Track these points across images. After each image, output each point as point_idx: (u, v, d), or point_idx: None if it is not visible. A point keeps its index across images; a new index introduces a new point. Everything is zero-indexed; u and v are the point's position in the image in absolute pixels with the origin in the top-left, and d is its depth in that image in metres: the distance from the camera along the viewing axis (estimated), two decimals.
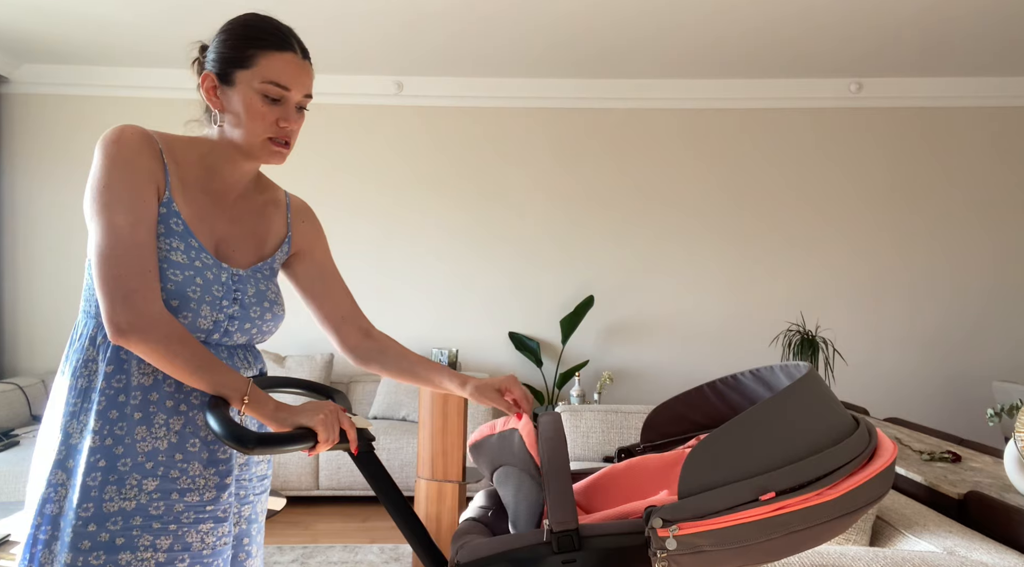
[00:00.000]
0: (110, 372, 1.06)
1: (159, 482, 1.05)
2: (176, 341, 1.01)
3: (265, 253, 1.25)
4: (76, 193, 4.72)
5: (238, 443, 0.94)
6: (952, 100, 4.73)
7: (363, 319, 1.35)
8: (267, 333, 1.22)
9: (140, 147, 1.06)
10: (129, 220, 1.02)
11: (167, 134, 1.14)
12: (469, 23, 3.86)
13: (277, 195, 1.31)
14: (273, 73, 1.10)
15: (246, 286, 1.17)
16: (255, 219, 1.24)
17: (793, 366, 1.03)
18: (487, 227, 4.85)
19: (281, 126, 1.12)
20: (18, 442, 3.71)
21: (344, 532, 3.57)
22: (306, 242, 1.32)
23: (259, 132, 1.12)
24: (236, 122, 1.12)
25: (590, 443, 3.27)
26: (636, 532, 0.84)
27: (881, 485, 0.85)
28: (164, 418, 1.07)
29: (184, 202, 1.12)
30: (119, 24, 3.92)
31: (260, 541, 1.27)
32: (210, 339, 1.13)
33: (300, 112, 1.16)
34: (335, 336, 1.33)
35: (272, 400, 1.06)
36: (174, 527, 1.05)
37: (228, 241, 1.18)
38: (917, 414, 4.75)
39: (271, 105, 1.11)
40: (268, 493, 1.30)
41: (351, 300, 1.35)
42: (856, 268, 4.80)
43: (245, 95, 1.11)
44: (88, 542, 1.01)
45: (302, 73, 1.14)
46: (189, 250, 1.09)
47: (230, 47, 1.12)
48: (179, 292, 1.06)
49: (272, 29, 1.14)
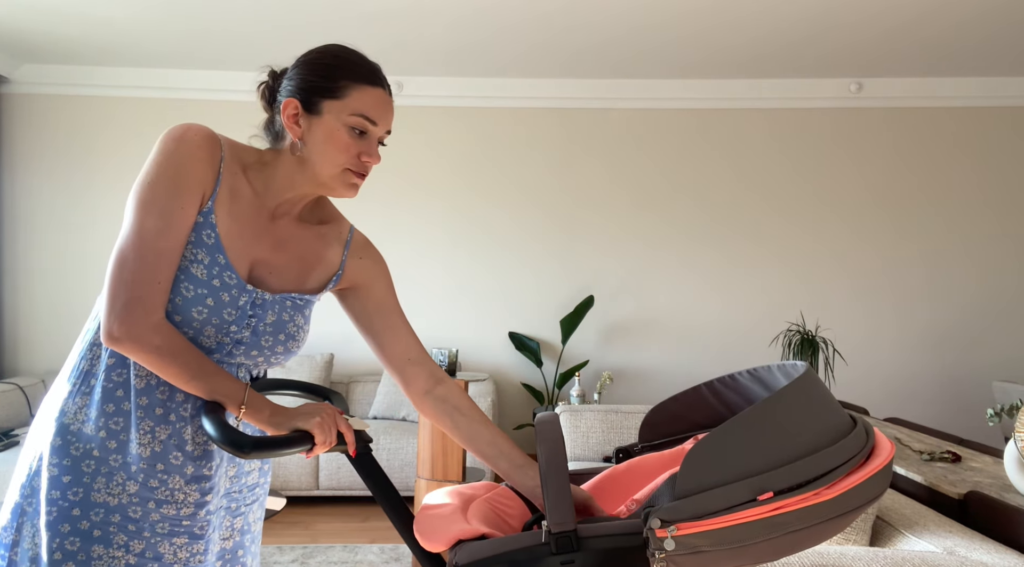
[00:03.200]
0: (111, 365, 1.05)
1: (139, 488, 1.04)
2: (168, 352, 0.99)
3: (308, 285, 1.20)
4: (76, 193, 4.72)
5: (234, 447, 0.94)
6: (952, 100, 4.73)
7: (431, 362, 1.27)
8: (274, 364, 1.19)
9: (199, 151, 1.04)
10: (159, 225, 1.00)
11: (236, 142, 1.12)
12: (469, 23, 3.86)
13: (341, 229, 1.25)
14: (364, 106, 1.09)
15: (266, 313, 1.12)
16: (304, 247, 1.19)
17: (791, 366, 1.03)
18: (487, 227, 4.85)
19: (364, 161, 1.10)
20: (18, 442, 3.71)
21: (344, 532, 3.57)
22: (362, 278, 1.25)
23: (340, 163, 1.09)
24: (315, 152, 1.09)
25: (590, 443, 3.27)
26: (634, 533, 0.84)
27: (879, 484, 0.85)
28: (151, 425, 1.05)
29: (226, 215, 1.08)
30: (119, 24, 3.92)
31: (255, 550, 1.25)
32: (210, 357, 1.10)
33: (380, 146, 1.14)
34: (401, 381, 1.25)
35: (269, 404, 1.05)
36: (148, 535, 1.04)
37: (266, 264, 1.14)
38: (917, 414, 4.75)
39: (356, 138, 1.09)
40: (264, 499, 1.27)
41: (416, 342, 1.27)
42: (856, 268, 4.80)
43: (331, 126, 1.08)
44: (68, 526, 1.00)
45: (389, 110, 1.12)
46: (213, 266, 1.06)
47: (320, 76, 1.09)
48: (184, 309, 1.04)
49: (365, 62, 1.12)
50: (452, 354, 3.03)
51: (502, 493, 1.15)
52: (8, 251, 4.73)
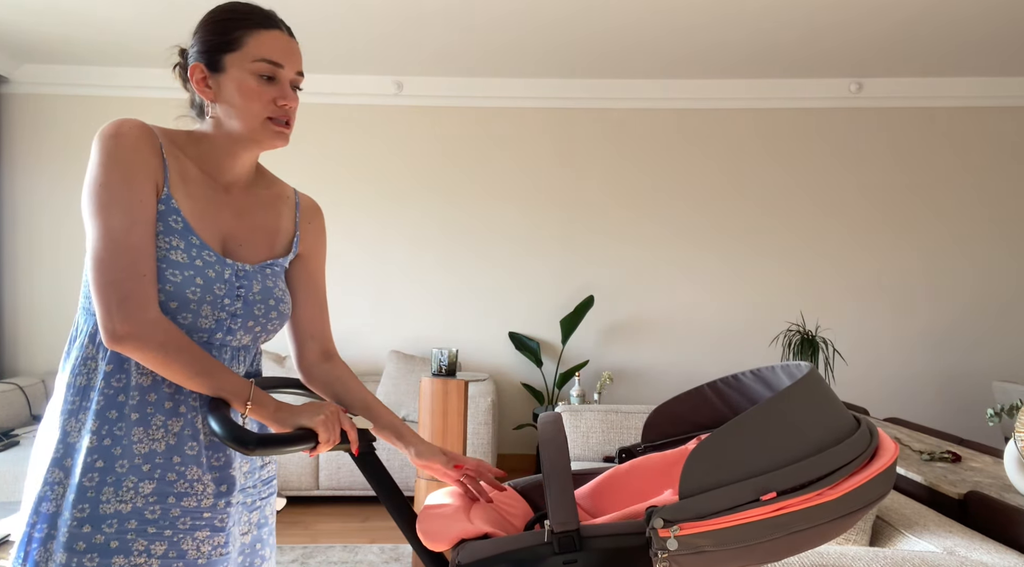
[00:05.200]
0: (109, 371, 1.05)
1: (156, 485, 1.03)
2: (173, 348, 1.00)
3: (276, 251, 1.22)
4: (76, 193, 4.72)
5: (239, 444, 0.94)
6: (952, 100, 4.74)
7: (330, 342, 1.31)
8: (272, 332, 1.20)
9: (139, 143, 1.04)
10: (124, 223, 1.00)
11: (167, 129, 1.12)
12: (469, 23, 3.86)
13: (284, 190, 1.28)
14: (264, 50, 1.09)
15: (251, 282, 1.14)
16: (263, 213, 1.21)
17: (794, 366, 1.03)
18: (487, 227, 4.85)
19: (280, 104, 1.10)
20: (18, 442, 3.71)
21: (344, 532, 3.57)
22: (307, 246, 1.28)
23: (258, 113, 1.09)
24: (232, 109, 1.09)
25: (590, 443, 3.27)
26: (637, 532, 0.84)
27: (882, 485, 0.85)
28: (162, 420, 1.05)
29: (185, 198, 1.09)
30: (119, 24, 3.92)
31: (272, 542, 1.26)
32: (213, 339, 1.11)
33: (295, 91, 1.14)
34: (295, 349, 1.29)
35: (273, 401, 1.05)
36: (169, 533, 1.03)
37: (235, 235, 1.16)
38: (917, 414, 4.76)
39: (266, 84, 1.09)
40: (276, 494, 1.29)
41: (325, 320, 1.30)
42: (856, 268, 4.80)
43: (238, 78, 1.08)
44: (83, 543, 1.00)
45: (291, 50, 1.12)
46: (190, 248, 1.07)
47: (215, 33, 1.10)
48: (178, 293, 1.04)
49: (257, 9, 1.12)
50: (452, 354, 3.03)
51: (505, 493, 1.16)
52: (8, 251, 4.72)
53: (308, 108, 4.77)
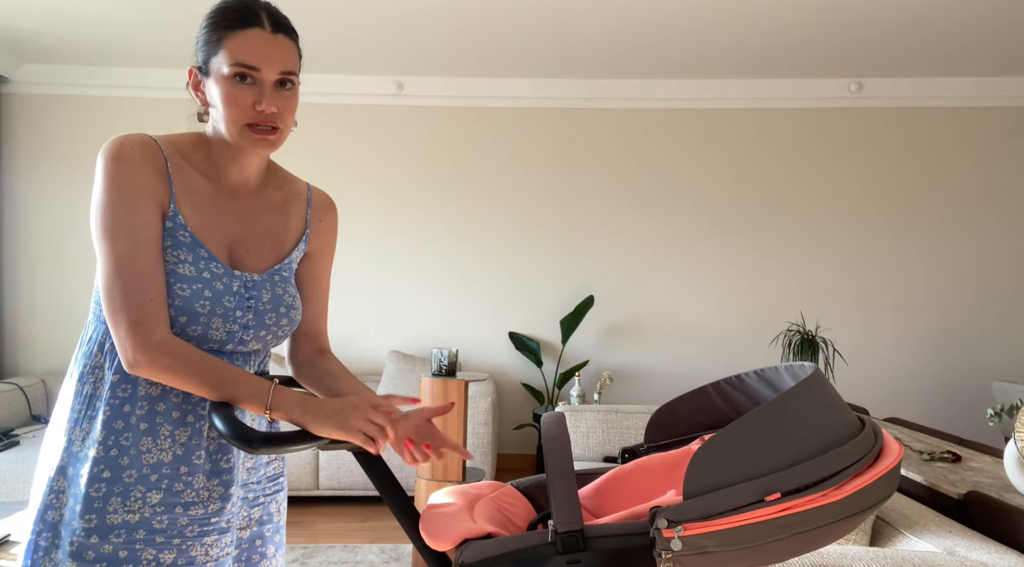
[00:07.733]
0: (116, 381, 1.04)
1: (163, 495, 1.03)
2: (181, 370, 0.99)
3: (283, 253, 1.19)
4: (76, 193, 4.71)
5: (243, 443, 0.94)
6: (952, 100, 4.74)
7: (325, 340, 1.30)
8: (283, 337, 1.19)
9: (141, 164, 1.02)
10: (129, 246, 1.00)
11: (173, 137, 1.10)
12: (469, 23, 3.86)
13: (297, 188, 1.24)
14: (238, 53, 1.02)
15: (260, 292, 1.12)
16: (272, 216, 1.19)
17: (798, 366, 1.03)
18: (487, 227, 4.85)
19: (258, 110, 1.04)
20: (18, 442, 3.71)
21: (344, 532, 3.57)
22: (316, 245, 1.25)
23: (235, 118, 1.04)
24: (217, 112, 1.06)
25: (590, 443, 3.27)
26: (641, 533, 0.84)
27: (887, 486, 0.85)
28: (170, 429, 1.05)
29: (191, 210, 1.08)
30: (119, 24, 3.92)
31: (279, 540, 1.24)
32: (224, 349, 1.10)
33: (283, 91, 1.06)
34: (290, 344, 1.28)
35: (299, 402, 1.01)
36: (178, 541, 1.03)
37: (242, 242, 1.14)
38: (917, 414, 4.76)
39: (244, 88, 1.03)
40: (285, 492, 1.27)
41: (324, 319, 1.29)
42: (856, 268, 4.80)
43: (218, 82, 1.04)
44: (92, 553, 1.00)
45: (272, 48, 1.04)
46: (198, 261, 1.06)
47: (203, 34, 1.07)
48: (187, 308, 1.04)
49: (237, 6, 1.05)
50: (452, 354, 3.03)
51: (507, 492, 1.16)
52: (8, 251, 4.72)
53: (308, 108, 4.77)
